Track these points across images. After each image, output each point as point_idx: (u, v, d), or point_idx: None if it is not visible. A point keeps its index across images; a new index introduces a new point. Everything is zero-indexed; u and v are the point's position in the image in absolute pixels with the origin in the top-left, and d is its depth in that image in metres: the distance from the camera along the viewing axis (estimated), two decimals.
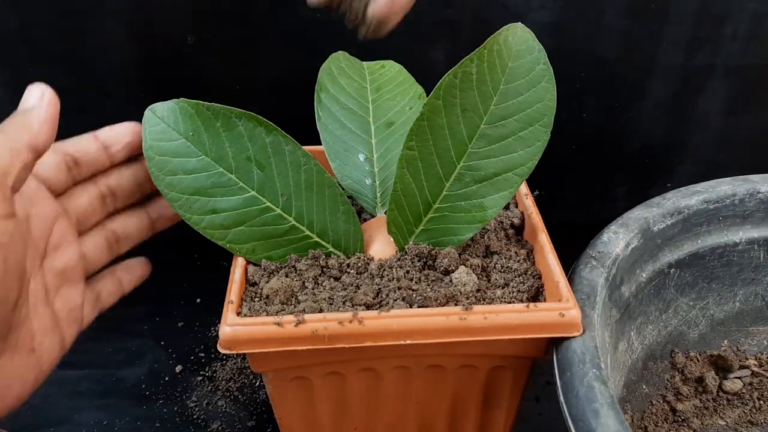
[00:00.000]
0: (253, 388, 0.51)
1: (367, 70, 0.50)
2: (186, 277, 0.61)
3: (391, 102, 0.48)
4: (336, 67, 0.48)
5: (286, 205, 0.39)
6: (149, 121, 0.38)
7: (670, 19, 0.57)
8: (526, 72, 0.38)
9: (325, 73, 0.48)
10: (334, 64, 0.49)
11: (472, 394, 0.40)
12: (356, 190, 0.44)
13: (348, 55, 0.51)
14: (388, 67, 0.51)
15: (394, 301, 0.36)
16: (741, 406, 0.46)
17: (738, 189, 0.46)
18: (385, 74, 0.50)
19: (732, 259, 0.47)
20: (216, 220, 0.39)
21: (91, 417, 0.49)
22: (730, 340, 0.49)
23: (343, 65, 0.49)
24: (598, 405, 0.31)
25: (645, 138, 0.65)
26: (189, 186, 0.38)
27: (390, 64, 0.51)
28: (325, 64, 0.49)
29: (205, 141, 0.38)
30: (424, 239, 0.40)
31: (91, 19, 0.53)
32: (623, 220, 0.43)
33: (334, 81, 0.48)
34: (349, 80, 0.48)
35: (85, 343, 0.54)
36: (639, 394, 0.45)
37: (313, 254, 0.39)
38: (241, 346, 0.34)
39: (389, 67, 0.51)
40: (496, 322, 0.34)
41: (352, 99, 0.47)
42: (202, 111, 0.38)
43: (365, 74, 0.50)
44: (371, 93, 0.48)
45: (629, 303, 0.43)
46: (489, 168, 0.39)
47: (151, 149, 0.38)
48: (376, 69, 0.51)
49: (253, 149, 0.39)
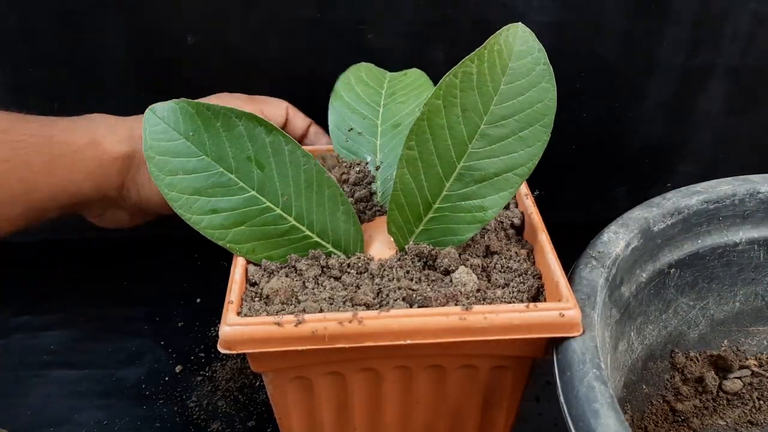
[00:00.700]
0: (253, 388, 0.51)
1: (388, 78, 0.50)
2: (186, 277, 0.61)
3: (401, 105, 0.48)
4: (355, 77, 0.49)
5: (286, 204, 0.39)
6: (149, 121, 0.38)
7: (670, 19, 0.57)
8: (527, 72, 0.38)
9: (342, 83, 0.48)
10: (353, 74, 0.49)
11: (472, 394, 0.40)
12: None
13: (372, 66, 0.51)
14: (409, 74, 0.51)
15: (395, 301, 0.36)
16: (741, 406, 0.46)
17: (738, 189, 0.46)
18: (404, 81, 0.50)
19: (732, 259, 0.47)
20: (216, 220, 0.39)
21: (91, 417, 0.49)
22: (730, 340, 0.49)
23: (362, 74, 0.49)
24: (599, 405, 0.31)
25: (645, 138, 0.65)
26: (189, 186, 0.38)
27: (413, 72, 0.51)
28: (343, 74, 0.49)
29: (205, 141, 0.38)
30: (424, 239, 0.40)
31: (91, 19, 0.53)
32: (623, 220, 0.43)
33: (350, 89, 0.48)
34: (365, 87, 0.48)
35: (85, 343, 0.55)
36: (639, 394, 0.45)
37: (314, 254, 0.39)
38: (241, 346, 0.34)
39: (410, 74, 0.51)
40: (496, 322, 0.34)
41: (365, 104, 0.47)
42: (203, 111, 0.38)
43: (384, 82, 0.50)
44: (384, 98, 0.48)
45: (629, 303, 0.43)
46: (489, 168, 0.39)
47: (151, 149, 0.38)
48: (397, 77, 0.51)
49: (253, 149, 0.39)
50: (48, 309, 0.58)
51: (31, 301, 0.59)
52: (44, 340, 0.55)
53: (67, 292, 0.59)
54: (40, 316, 0.57)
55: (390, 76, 0.51)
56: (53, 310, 0.58)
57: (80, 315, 0.57)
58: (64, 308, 0.58)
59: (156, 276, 0.62)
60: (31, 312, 0.58)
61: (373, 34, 0.55)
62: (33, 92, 0.55)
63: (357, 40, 0.55)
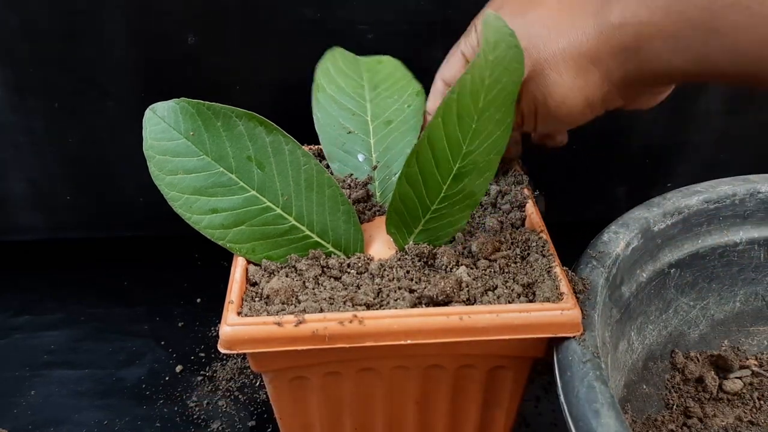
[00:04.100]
0: (253, 388, 0.51)
1: (364, 66, 0.50)
2: (186, 277, 0.61)
3: (389, 100, 0.48)
4: (333, 66, 0.48)
5: (286, 204, 0.39)
6: (150, 120, 0.38)
7: None
8: (503, 59, 0.37)
9: (323, 73, 0.48)
10: (331, 63, 0.48)
11: (472, 394, 0.40)
12: None
13: (343, 50, 0.50)
14: (385, 63, 0.50)
15: (395, 301, 0.36)
16: (741, 406, 0.46)
17: (738, 189, 0.46)
18: (382, 70, 0.50)
19: (732, 259, 0.47)
20: (216, 220, 0.39)
21: (91, 417, 0.49)
22: (730, 340, 0.49)
23: (340, 63, 0.49)
24: (599, 405, 0.31)
25: (645, 138, 0.64)
26: (189, 185, 0.38)
27: (387, 60, 0.51)
28: (321, 62, 0.48)
29: (205, 140, 0.38)
30: (423, 238, 0.40)
31: (91, 19, 0.53)
32: (623, 220, 0.43)
33: (331, 80, 0.48)
34: (346, 79, 0.48)
35: (85, 343, 0.55)
36: (639, 394, 0.45)
37: (314, 254, 0.39)
38: (242, 346, 0.34)
39: (386, 63, 0.50)
40: (496, 322, 0.34)
41: (350, 98, 0.47)
42: (203, 111, 0.38)
43: (362, 71, 0.50)
44: (368, 91, 0.48)
45: (629, 303, 0.43)
46: (480, 160, 0.39)
47: (151, 149, 0.38)
48: (373, 65, 0.50)
49: (253, 149, 0.39)
50: (48, 309, 0.58)
51: (31, 301, 0.59)
52: (44, 340, 0.55)
53: (67, 292, 0.59)
54: (40, 316, 0.57)
55: (365, 63, 0.50)
56: (53, 310, 0.58)
57: (80, 315, 0.57)
58: (64, 308, 0.58)
59: (156, 276, 0.62)
60: (31, 312, 0.58)
61: (373, 34, 0.55)
62: (33, 92, 0.55)
63: (357, 40, 0.55)
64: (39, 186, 0.60)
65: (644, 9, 0.33)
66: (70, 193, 0.61)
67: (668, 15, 0.32)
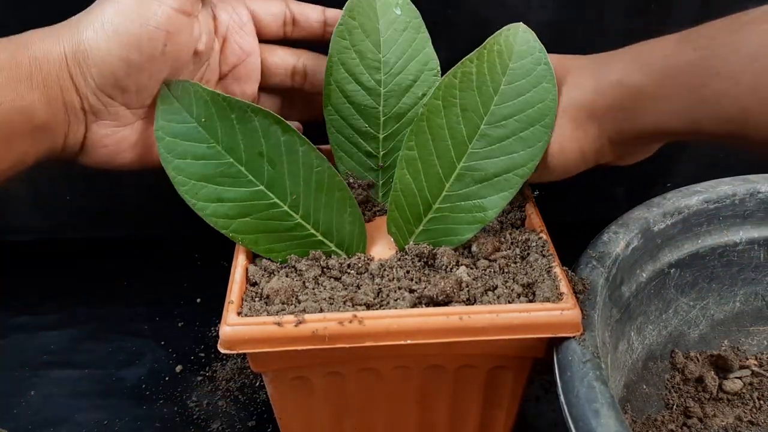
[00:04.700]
0: (253, 388, 0.51)
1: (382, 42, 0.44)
2: (186, 277, 0.61)
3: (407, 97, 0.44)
4: (351, 36, 0.43)
5: (293, 203, 0.39)
6: (164, 98, 0.38)
7: (670, 19, 0.57)
8: (527, 72, 0.38)
9: (338, 48, 0.43)
10: (348, 29, 0.43)
11: (472, 394, 0.40)
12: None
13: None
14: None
15: (395, 301, 0.36)
16: (741, 406, 0.46)
17: (738, 189, 0.46)
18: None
19: (732, 259, 0.47)
20: (221, 209, 0.39)
21: (91, 417, 0.49)
22: (730, 340, 0.49)
23: (359, 28, 0.43)
24: (599, 405, 0.31)
25: None
26: (197, 172, 0.38)
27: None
28: (338, 25, 0.43)
29: (217, 129, 0.38)
30: (424, 239, 0.40)
31: None
32: (623, 220, 0.43)
33: (347, 59, 0.43)
34: (362, 60, 0.43)
35: (85, 343, 0.55)
36: (639, 394, 0.45)
37: (314, 255, 0.40)
38: (242, 346, 0.34)
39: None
40: (496, 322, 0.34)
41: (363, 94, 0.44)
42: (218, 100, 0.38)
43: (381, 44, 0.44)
44: (384, 85, 0.44)
45: (629, 303, 0.43)
46: (489, 168, 0.39)
47: (161, 129, 0.38)
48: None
49: (266, 145, 0.38)
50: (48, 309, 0.58)
51: (31, 301, 0.59)
52: (44, 340, 0.55)
53: (67, 292, 0.59)
54: (40, 316, 0.57)
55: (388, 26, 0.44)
56: (53, 310, 0.58)
57: (80, 315, 0.57)
58: (64, 308, 0.58)
59: (156, 276, 0.62)
60: (31, 312, 0.58)
61: None
62: None
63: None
64: (39, 186, 0.60)
65: (639, 72, 0.36)
66: (70, 193, 0.61)
67: (662, 79, 0.35)
